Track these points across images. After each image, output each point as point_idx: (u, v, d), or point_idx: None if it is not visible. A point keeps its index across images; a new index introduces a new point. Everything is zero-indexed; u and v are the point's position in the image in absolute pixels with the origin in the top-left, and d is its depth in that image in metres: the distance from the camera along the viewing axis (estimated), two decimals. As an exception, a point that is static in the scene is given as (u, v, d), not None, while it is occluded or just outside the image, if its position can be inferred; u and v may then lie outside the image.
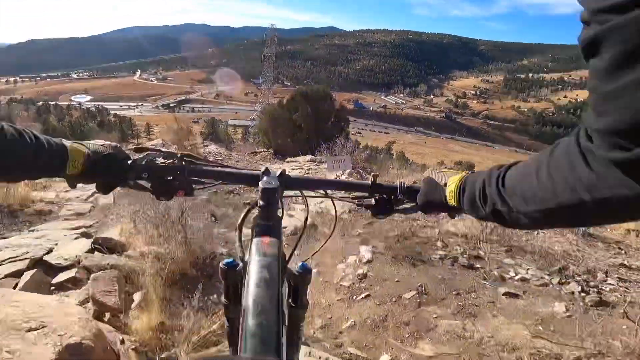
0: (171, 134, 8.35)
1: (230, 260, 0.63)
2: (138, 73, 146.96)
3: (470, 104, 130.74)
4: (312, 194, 0.77)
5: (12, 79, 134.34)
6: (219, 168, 0.76)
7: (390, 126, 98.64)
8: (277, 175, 0.68)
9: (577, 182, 0.36)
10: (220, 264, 0.62)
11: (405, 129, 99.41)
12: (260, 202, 0.62)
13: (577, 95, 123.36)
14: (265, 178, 0.67)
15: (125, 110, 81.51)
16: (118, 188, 0.70)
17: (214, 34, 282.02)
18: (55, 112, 56.61)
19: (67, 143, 0.62)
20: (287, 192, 0.72)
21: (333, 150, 6.36)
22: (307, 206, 0.76)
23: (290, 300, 0.64)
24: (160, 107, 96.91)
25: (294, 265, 0.67)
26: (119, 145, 0.58)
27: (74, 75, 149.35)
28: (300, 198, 0.78)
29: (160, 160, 0.71)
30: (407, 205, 0.72)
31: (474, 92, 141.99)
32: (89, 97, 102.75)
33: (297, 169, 6.25)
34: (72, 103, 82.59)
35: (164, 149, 0.72)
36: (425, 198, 0.67)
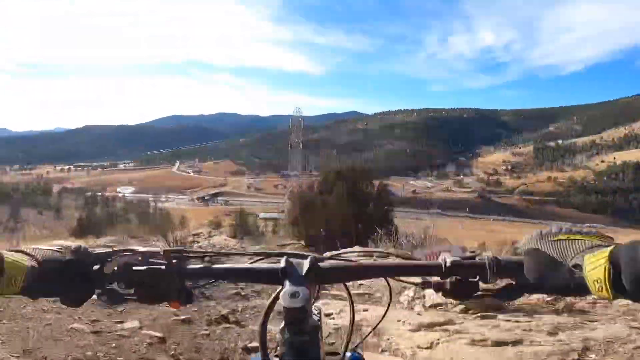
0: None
1: (256, 358, 0.56)
2: (177, 165, 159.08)
3: (503, 180, 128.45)
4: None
5: (66, 167, 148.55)
6: (225, 265, 0.58)
7: (421, 212, 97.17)
8: (302, 274, 0.53)
9: None
10: None
11: (439, 212, 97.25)
12: (287, 322, 0.50)
13: (614, 158, 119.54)
14: (287, 286, 0.51)
15: (163, 202, 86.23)
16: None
17: (245, 123, 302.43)
18: (101, 203, 61.39)
19: (7, 254, 0.48)
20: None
21: (380, 239, 5.88)
22: (352, 302, 0.64)
23: None
24: (195, 200, 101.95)
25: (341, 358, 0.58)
26: (83, 246, 0.55)
27: (121, 166, 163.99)
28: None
29: (141, 261, 0.55)
30: (507, 286, 0.54)
31: (504, 167, 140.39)
32: (132, 189, 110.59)
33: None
34: (117, 194, 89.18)
35: (142, 248, 0.57)
36: (540, 275, 0.49)
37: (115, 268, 0.54)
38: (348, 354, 0.59)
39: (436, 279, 0.55)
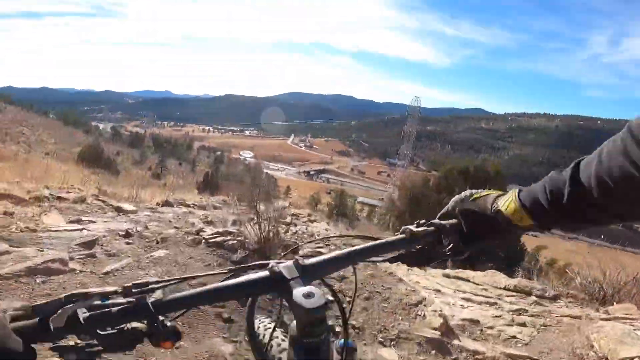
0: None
1: None
2: (291, 137, 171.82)
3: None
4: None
5: (206, 127, 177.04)
6: (202, 288, 0.50)
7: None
8: (298, 274, 0.51)
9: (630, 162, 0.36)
10: None
11: (561, 235, 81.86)
12: (304, 323, 0.48)
13: None
14: (298, 288, 0.48)
15: (274, 170, 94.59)
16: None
17: (358, 106, 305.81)
18: (226, 163, 71.14)
19: None
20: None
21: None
22: (356, 286, 0.64)
23: None
24: (301, 174, 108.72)
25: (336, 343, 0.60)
26: (24, 305, 0.44)
27: (247, 132, 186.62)
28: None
29: (87, 307, 0.45)
30: (452, 247, 0.60)
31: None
32: (252, 154, 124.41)
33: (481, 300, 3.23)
34: (239, 157, 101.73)
35: (92, 290, 0.46)
36: (476, 227, 0.59)
37: (65, 320, 0.43)
38: (342, 342, 0.60)
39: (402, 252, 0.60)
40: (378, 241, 0.61)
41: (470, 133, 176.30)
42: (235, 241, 3.05)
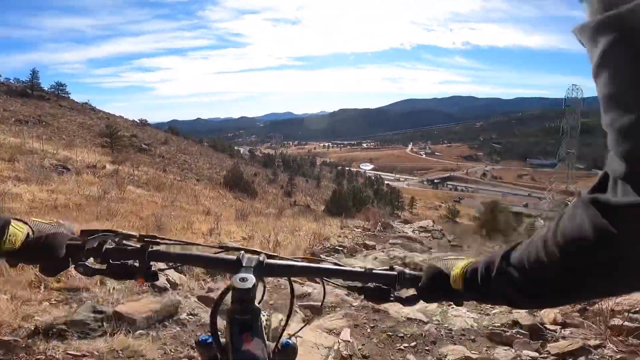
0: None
1: (204, 337, 0.65)
2: (410, 146, 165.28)
3: None
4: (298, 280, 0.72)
5: (326, 143, 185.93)
6: (188, 251, 0.69)
7: None
8: (252, 265, 0.61)
9: (587, 239, 0.33)
10: (195, 340, 0.62)
11: None
12: (235, 300, 0.56)
13: None
14: (240, 273, 0.58)
15: (396, 181, 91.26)
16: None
17: (482, 107, 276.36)
18: (347, 177, 71.88)
19: (13, 221, 0.57)
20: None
21: None
22: (293, 294, 0.73)
23: None
24: (425, 183, 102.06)
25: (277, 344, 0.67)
26: (67, 224, 0.63)
27: (364, 145, 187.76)
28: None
29: (115, 242, 0.64)
30: (409, 293, 0.65)
31: None
32: (371, 166, 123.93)
33: None
34: (359, 170, 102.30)
35: (121, 230, 0.65)
36: (428, 284, 0.63)
37: (95, 245, 0.61)
38: (283, 340, 0.67)
39: (359, 284, 0.66)
40: (343, 267, 0.69)
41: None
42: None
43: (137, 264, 0.62)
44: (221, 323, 0.61)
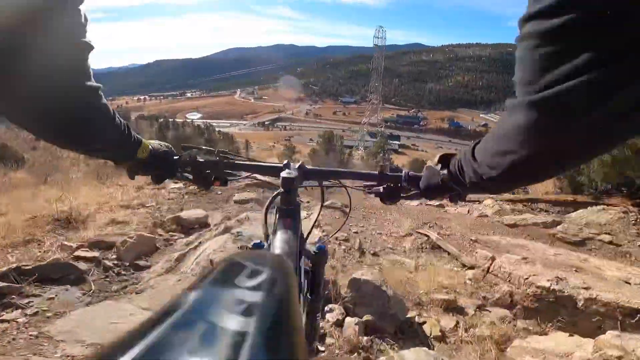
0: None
1: (257, 242, 0.76)
2: (238, 92, 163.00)
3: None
4: (328, 184, 0.88)
5: (142, 97, 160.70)
6: (249, 162, 0.86)
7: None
8: (296, 167, 0.77)
9: (518, 136, 0.37)
10: (249, 246, 0.75)
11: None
12: (281, 190, 0.71)
13: None
14: (286, 170, 0.75)
15: (227, 127, 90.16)
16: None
17: (301, 54, 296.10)
18: (172, 128, 65.74)
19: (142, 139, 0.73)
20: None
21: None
22: (323, 194, 0.88)
23: (306, 282, 0.75)
24: (256, 125, 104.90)
25: (312, 247, 0.81)
26: (170, 145, 0.80)
27: (189, 94, 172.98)
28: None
29: (200, 156, 0.81)
30: (412, 192, 0.76)
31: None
32: (199, 115, 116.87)
33: None
34: (186, 120, 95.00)
35: (204, 147, 0.85)
36: (426, 183, 0.70)
37: (188, 158, 0.80)
38: (318, 244, 0.82)
39: (376, 187, 0.79)
40: (361, 171, 0.84)
41: (413, 66, 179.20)
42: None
43: (214, 174, 0.81)
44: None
